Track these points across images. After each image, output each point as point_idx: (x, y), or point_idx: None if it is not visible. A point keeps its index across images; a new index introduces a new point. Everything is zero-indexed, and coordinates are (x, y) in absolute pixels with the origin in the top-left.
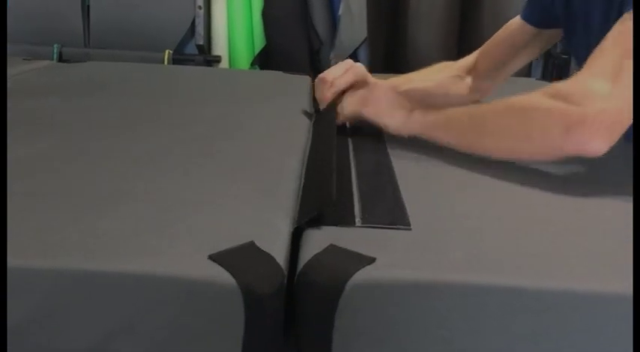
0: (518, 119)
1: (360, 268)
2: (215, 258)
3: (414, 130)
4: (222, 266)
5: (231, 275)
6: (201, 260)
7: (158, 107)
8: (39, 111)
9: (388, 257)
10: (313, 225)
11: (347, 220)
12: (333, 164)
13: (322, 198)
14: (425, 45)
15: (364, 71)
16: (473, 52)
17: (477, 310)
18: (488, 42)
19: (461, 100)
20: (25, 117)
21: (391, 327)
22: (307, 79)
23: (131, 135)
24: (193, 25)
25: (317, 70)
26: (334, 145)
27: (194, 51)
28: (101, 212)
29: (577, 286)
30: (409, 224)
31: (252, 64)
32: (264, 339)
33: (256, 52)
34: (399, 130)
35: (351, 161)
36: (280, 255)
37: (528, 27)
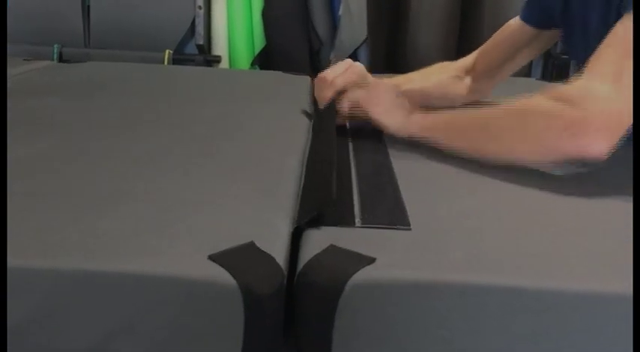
0: (519, 122)
1: (360, 268)
2: (215, 258)
3: (414, 132)
4: (222, 266)
5: (231, 275)
6: (201, 260)
7: (158, 107)
8: (39, 111)
9: (388, 257)
10: (313, 226)
11: (347, 220)
12: (334, 164)
13: (322, 199)
14: (425, 45)
15: (364, 70)
16: (472, 53)
17: (477, 310)
18: (487, 42)
19: (460, 101)
20: (26, 117)
21: (391, 327)
22: (307, 79)
23: (131, 135)
24: (193, 25)
25: (317, 70)
26: (334, 145)
27: (194, 51)
28: (101, 212)
29: (577, 286)
30: (409, 224)
31: (252, 64)
32: (263, 339)
33: (256, 52)
34: (399, 131)
35: (351, 161)
36: (280, 256)
37: (527, 27)
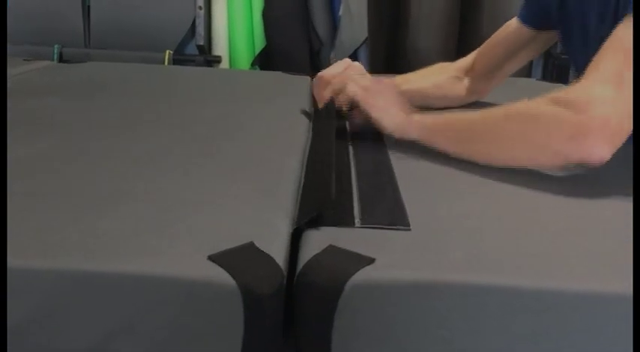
0: (520, 126)
1: (360, 268)
2: (214, 259)
3: (412, 134)
4: (221, 266)
5: (230, 275)
6: (200, 260)
7: (158, 107)
8: (39, 111)
9: (387, 257)
10: (313, 226)
11: (346, 221)
12: (332, 164)
13: (321, 199)
14: (425, 46)
15: (362, 70)
16: (470, 53)
17: (477, 310)
18: (485, 43)
19: (459, 101)
20: (26, 117)
21: (391, 328)
22: (307, 80)
23: (131, 135)
24: (194, 26)
25: (317, 71)
26: (333, 145)
27: (194, 51)
28: (101, 212)
29: (577, 286)
30: (408, 224)
31: (252, 65)
32: (263, 339)
33: (256, 53)
34: (396, 132)
35: (351, 161)
36: (280, 256)
37: (525, 29)
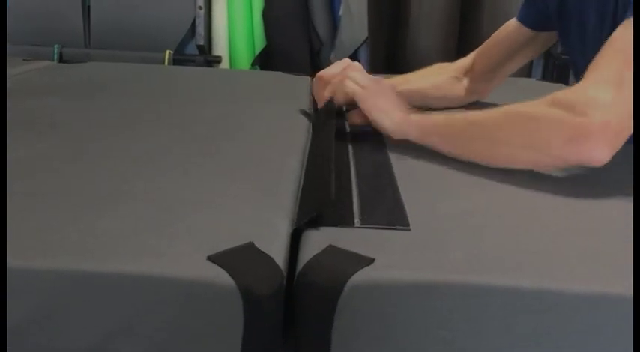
0: (519, 128)
1: (359, 269)
2: (214, 259)
3: (410, 134)
4: (221, 267)
5: (230, 276)
6: (200, 260)
7: (158, 108)
8: (39, 111)
9: (387, 257)
10: (312, 226)
11: (346, 221)
12: (332, 164)
13: (321, 199)
14: (425, 47)
15: (361, 70)
16: (470, 54)
17: (478, 310)
18: (484, 43)
19: (458, 102)
20: (26, 117)
21: (390, 328)
22: (307, 80)
23: (131, 135)
24: (194, 26)
25: (317, 71)
26: (332, 145)
27: (194, 51)
28: (101, 212)
29: (578, 287)
30: (408, 224)
31: (252, 65)
32: (263, 340)
33: (257, 53)
34: (395, 132)
35: (351, 161)
36: (279, 256)
37: (524, 29)
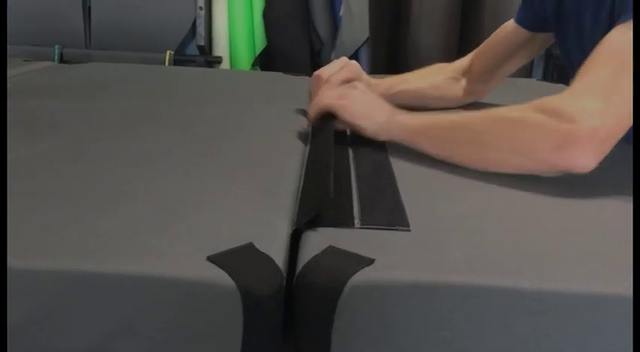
0: (507, 132)
1: (359, 269)
2: (214, 260)
3: (394, 135)
4: (221, 267)
5: (230, 276)
6: (200, 261)
7: (159, 108)
8: (40, 111)
9: (387, 258)
10: (312, 227)
11: (346, 221)
12: (331, 165)
13: (321, 199)
14: (426, 46)
15: (359, 69)
16: (468, 54)
17: (478, 311)
18: (482, 44)
19: (456, 102)
20: (26, 117)
21: (391, 328)
22: (308, 80)
23: (131, 135)
24: (194, 26)
25: None
26: (332, 146)
27: (195, 52)
28: (101, 212)
29: (577, 287)
30: (408, 225)
31: (253, 65)
32: (263, 340)
33: (257, 53)
34: (377, 134)
35: (351, 163)
36: (279, 257)
37: (522, 30)
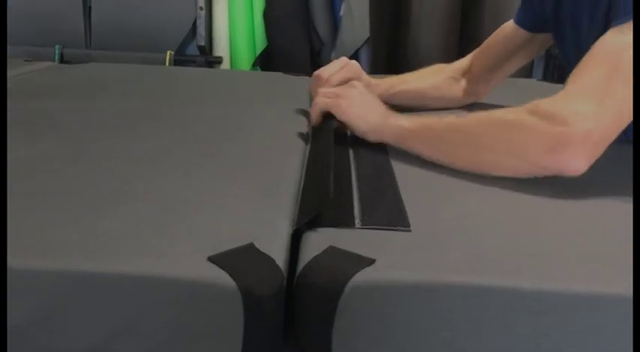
0: (499, 134)
1: (360, 270)
2: (215, 260)
3: (386, 137)
4: (221, 267)
5: (230, 277)
6: (201, 261)
7: (159, 108)
8: (40, 112)
9: (388, 258)
10: (313, 227)
11: (346, 222)
12: (331, 164)
13: (321, 199)
14: (426, 46)
15: (359, 68)
16: (468, 55)
17: (478, 311)
18: (482, 45)
19: (456, 102)
20: (26, 117)
21: (391, 328)
22: (308, 80)
23: (131, 135)
24: (195, 26)
25: None
26: (332, 146)
27: (195, 52)
28: (101, 212)
29: (577, 287)
30: (409, 225)
31: (253, 65)
32: (263, 340)
33: (257, 53)
34: (367, 134)
35: (352, 163)
36: (280, 257)
37: (521, 31)
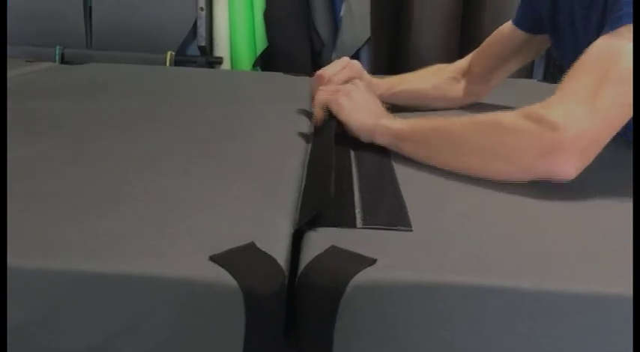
0: (489, 138)
1: (361, 269)
2: (216, 259)
3: (379, 139)
4: (222, 267)
5: (231, 276)
6: (201, 261)
7: (160, 108)
8: (40, 112)
9: (389, 258)
10: (314, 226)
11: (348, 221)
12: (332, 164)
13: (322, 199)
14: (427, 46)
15: (360, 68)
16: (467, 55)
17: (479, 311)
18: (481, 46)
19: (456, 102)
20: (27, 118)
21: (392, 328)
22: (308, 80)
23: (132, 135)
24: (195, 27)
25: None
26: (333, 145)
27: (196, 52)
28: (101, 212)
29: (577, 287)
30: (410, 225)
31: (253, 66)
32: (264, 340)
33: (258, 54)
34: (358, 134)
35: (353, 163)
36: (281, 256)
37: (519, 32)
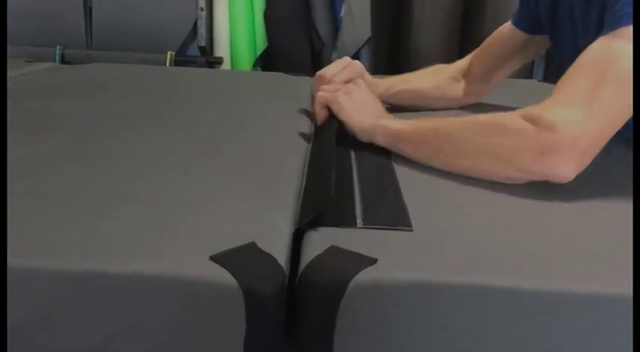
0: (487, 139)
1: (362, 269)
2: (216, 259)
3: (377, 139)
4: (223, 266)
5: (232, 275)
6: (202, 260)
7: (160, 109)
8: (40, 112)
9: (390, 258)
10: (315, 226)
11: (348, 221)
12: (332, 164)
13: (322, 199)
14: (427, 46)
15: (362, 68)
16: (467, 56)
17: (479, 311)
18: (480, 46)
19: (456, 102)
20: (27, 118)
21: (393, 328)
22: (308, 80)
23: (132, 135)
24: (195, 27)
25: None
26: (333, 145)
27: (196, 52)
28: (101, 212)
29: (577, 287)
30: (410, 225)
31: (254, 66)
32: (265, 340)
33: (258, 54)
34: (357, 134)
35: (353, 163)
36: (281, 256)
37: (519, 32)
